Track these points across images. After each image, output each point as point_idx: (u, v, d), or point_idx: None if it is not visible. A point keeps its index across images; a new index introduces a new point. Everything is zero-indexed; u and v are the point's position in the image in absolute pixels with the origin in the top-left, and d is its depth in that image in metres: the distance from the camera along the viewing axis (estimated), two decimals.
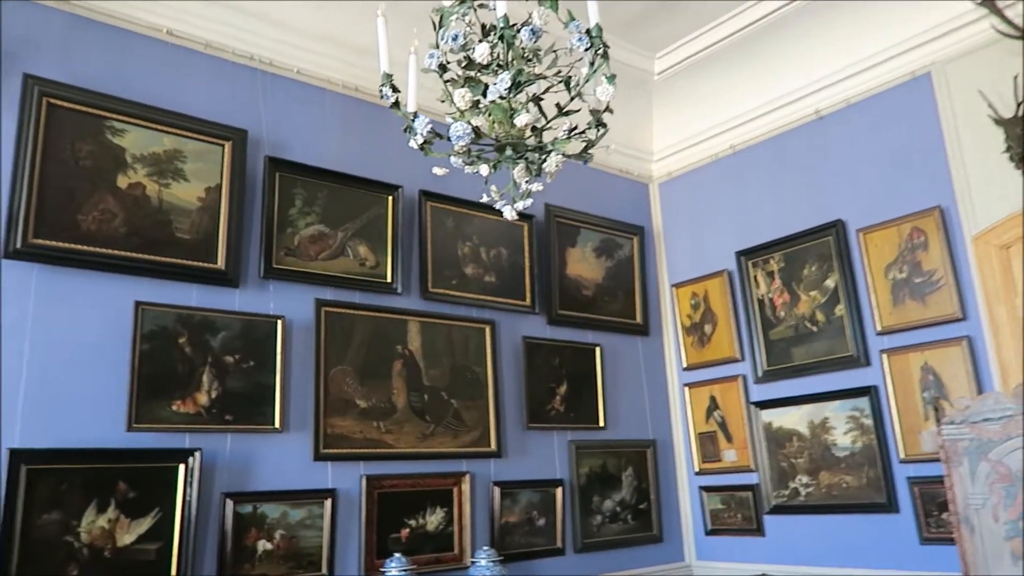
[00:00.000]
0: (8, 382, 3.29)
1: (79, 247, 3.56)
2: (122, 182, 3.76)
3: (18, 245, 3.41)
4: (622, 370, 5.66)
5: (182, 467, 3.58)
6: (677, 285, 5.94)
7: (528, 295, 5.19)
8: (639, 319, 5.82)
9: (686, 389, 5.77)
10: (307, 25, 4.47)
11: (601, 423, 5.37)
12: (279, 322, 4.04)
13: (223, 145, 4.08)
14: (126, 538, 3.41)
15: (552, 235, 5.41)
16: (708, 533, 5.54)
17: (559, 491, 5.00)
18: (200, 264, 3.88)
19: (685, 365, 5.81)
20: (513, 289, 5.13)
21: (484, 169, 2.54)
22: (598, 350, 5.47)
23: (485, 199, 2.76)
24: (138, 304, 3.63)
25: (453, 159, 2.59)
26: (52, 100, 3.62)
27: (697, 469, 5.64)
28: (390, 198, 4.64)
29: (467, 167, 2.54)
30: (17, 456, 3.19)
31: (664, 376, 5.92)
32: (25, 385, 3.33)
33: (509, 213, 2.68)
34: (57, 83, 3.65)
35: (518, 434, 4.94)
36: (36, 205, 3.48)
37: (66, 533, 3.26)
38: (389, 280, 4.54)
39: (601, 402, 5.40)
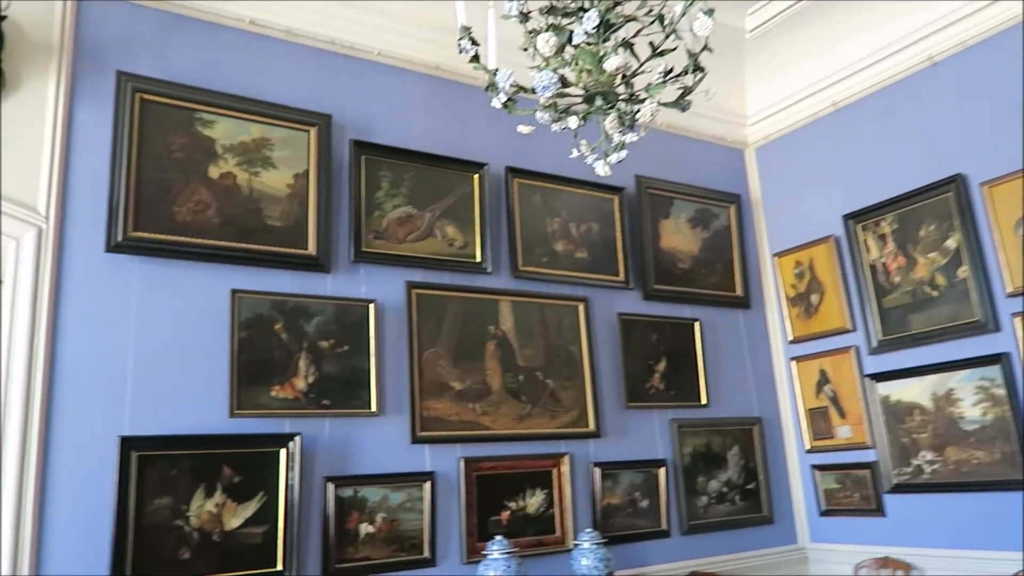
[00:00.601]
0: (116, 372, 3.38)
1: (176, 238, 3.63)
2: (213, 173, 3.80)
3: (119, 239, 3.49)
4: (723, 345, 5.41)
5: (283, 452, 3.60)
6: (779, 254, 5.63)
7: (621, 270, 5.01)
8: (739, 291, 5.55)
9: (793, 363, 5.47)
10: (386, 6, 4.41)
11: (703, 400, 5.15)
12: (371, 306, 4.02)
13: (308, 131, 4.08)
14: (233, 522, 3.46)
15: (644, 207, 5.21)
16: (823, 514, 5.24)
17: (662, 471, 4.82)
18: (292, 251, 3.90)
19: (791, 338, 5.50)
20: (606, 264, 4.96)
21: (573, 122, 2.38)
22: (697, 325, 5.24)
23: (575, 155, 2.60)
24: (234, 292, 3.67)
25: (539, 114, 2.44)
26: (145, 96, 3.69)
27: (808, 447, 5.34)
28: (476, 176, 4.55)
29: (554, 123, 2.39)
30: (128, 443, 3.27)
31: (769, 350, 5.63)
32: (132, 375, 3.42)
33: (602, 169, 2.51)
34: (148, 79, 3.72)
35: (617, 413, 4.79)
36: (135, 199, 3.56)
37: (176, 517, 3.33)
38: (479, 260, 4.46)
39: (702, 379, 5.18)
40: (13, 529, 3.05)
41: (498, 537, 3.84)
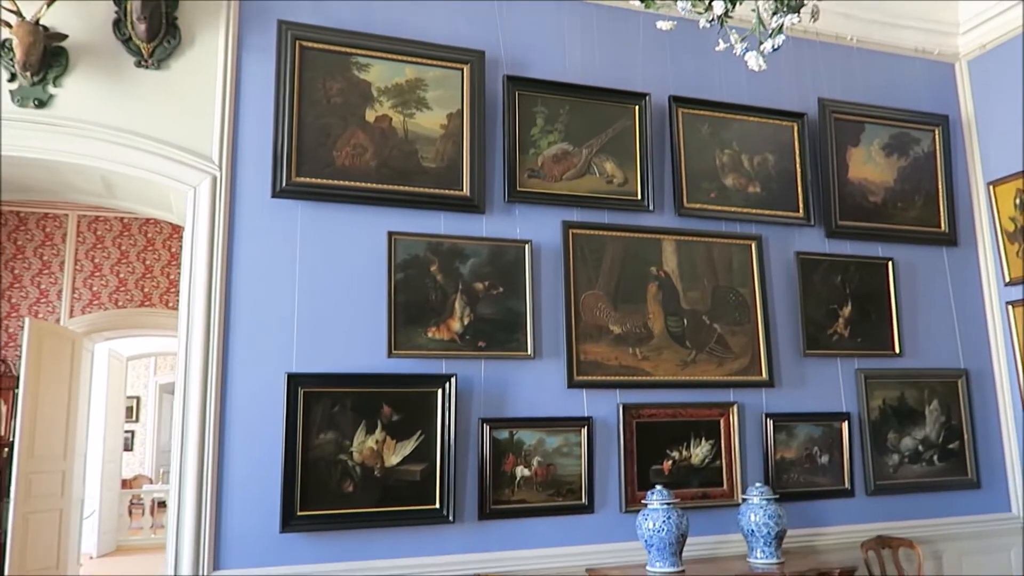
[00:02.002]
0: (284, 312, 3.54)
1: (335, 182, 3.70)
2: (370, 116, 3.82)
3: (283, 185, 3.61)
4: (922, 287, 4.79)
5: (440, 392, 3.63)
6: (996, 182, 4.86)
7: (801, 205, 4.54)
8: (944, 226, 4.87)
9: (1010, 308, 4.75)
10: None
11: (896, 350, 4.61)
12: (526, 246, 3.91)
13: (462, 69, 3.99)
14: (393, 459, 3.55)
15: (829, 134, 4.66)
16: None
17: (845, 425, 4.39)
18: (446, 192, 3.86)
19: (1008, 279, 4.77)
20: (783, 199, 4.52)
21: (718, 6, 2.06)
22: (890, 265, 4.67)
23: (721, 46, 2.28)
24: (391, 234, 3.70)
25: (680, 4, 2.13)
26: (304, 43, 3.75)
27: None
28: (636, 108, 4.26)
29: (700, 15, 2.08)
30: (295, 380, 3.43)
31: (979, 293, 4.93)
32: (298, 315, 3.56)
33: (755, 62, 2.17)
34: (307, 26, 3.77)
35: (793, 362, 4.40)
36: (296, 146, 3.66)
37: (340, 452, 3.47)
38: (639, 197, 4.20)
39: (896, 325, 4.63)
40: (197, 455, 3.30)
41: (659, 487, 3.67)
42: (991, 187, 4.88)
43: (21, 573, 7.03)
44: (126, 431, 13.38)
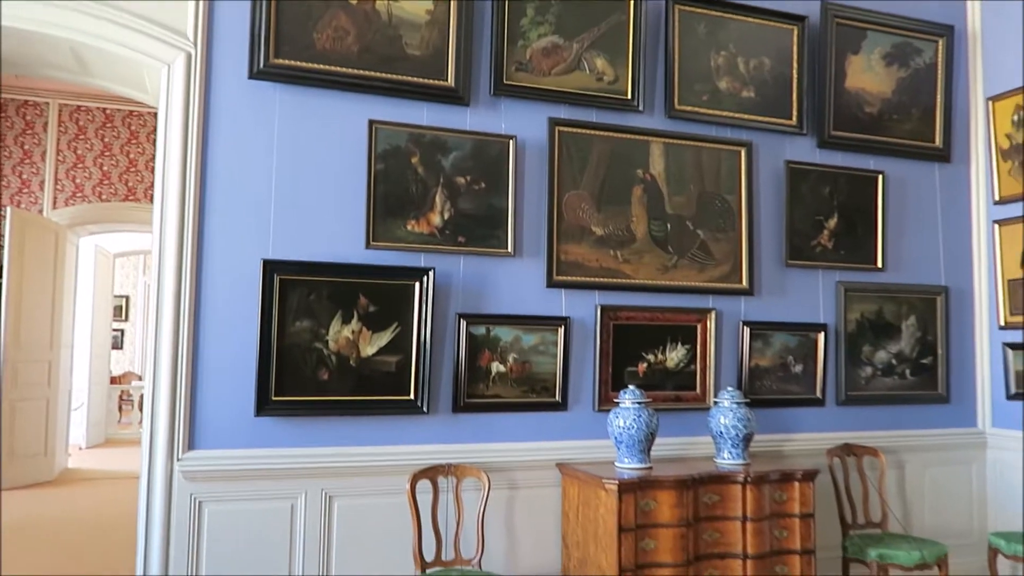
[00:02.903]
0: (260, 198, 3.48)
1: (316, 66, 3.57)
2: None
3: (261, 66, 3.49)
4: (911, 203, 4.75)
5: (417, 285, 3.62)
6: (995, 97, 4.76)
7: (794, 113, 4.45)
8: (939, 141, 4.79)
9: (996, 227, 4.73)
10: None
11: (879, 264, 4.61)
12: (510, 142, 3.83)
13: None
14: (368, 349, 3.56)
15: (829, 39, 4.52)
16: (1010, 397, 4.65)
17: (821, 336, 4.43)
18: (430, 81, 3.75)
19: (998, 198, 4.73)
20: (776, 106, 4.41)
21: None
22: (880, 178, 4.61)
23: None
24: (372, 123, 3.61)
25: None
26: None
27: (1003, 323, 4.69)
28: (631, 2, 4.10)
29: None
30: (270, 266, 3.40)
31: (967, 211, 4.90)
32: (275, 201, 3.50)
33: None
34: None
35: (775, 271, 4.39)
36: (276, 25, 3.52)
37: (316, 340, 3.47)
38: (629, 96, 4.10)
39: (880, 239, 4.61)
40: (172, 337, 3.31)
41: (631, 387, 3.71)
42: (990, 102, 4.78)
43: (10, 457, 7.18)
44: (116, 330, 13.47)
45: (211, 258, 3.40)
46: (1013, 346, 4.62)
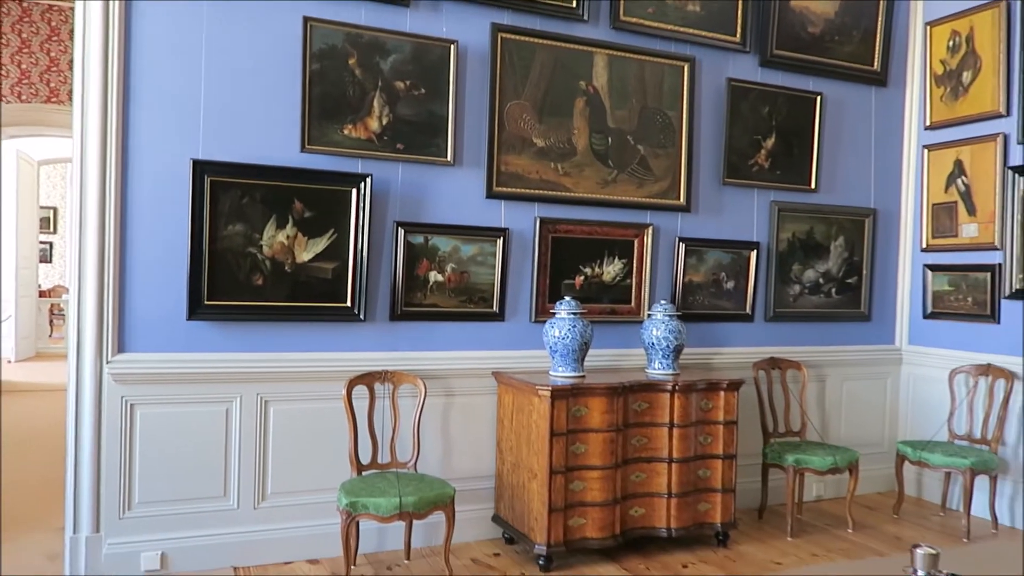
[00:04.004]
0: (189, 95, 3.33)
1: None
2: None
3: None
4: (846, 125, 4.84)
5: (354, 191, 3.56)
6: (933, 23, 4.82)
7: (739, 30, 4.43)
8: (876, 65, 4.86)
9: (925, 151, 4.87)
10: None
11: (812, 185, 4.71)
12: (452, 47, 3.74)
13: None
14: (304, 255, 3.52)
15: None
16: (927, 316, 4.89)
17: (753, 254, 4.54)
18: None
19: (929, 123, 4.85)
20: (721, 22, 4.39)
21: None
22: (819, 100, 4.67)
23: None
24: (307, 20, 3.47)
25: None
26: None
27: (925, 245, 4.88)
28: None
29: None
30: (200, 167, 3.29)
31: (899, 135, 5.02)
32: (205, 99, 3.36)
33: None
34: None
35: (712, 189, 4.46)
36: None
37: (249, 245, 3.41)
38: (574, 5, 4.01)
39: (815, 161, 4.70)
40: (98, 236, 3.20)
41: (567, 298, 3.77)
42: (929, 27, 4.84)
43: None
44: (44, 243, 12.97)
45: (137, 157, 3.26)
46: (933, 268, 4.83)
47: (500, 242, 3.90)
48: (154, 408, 3.30)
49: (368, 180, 3.56)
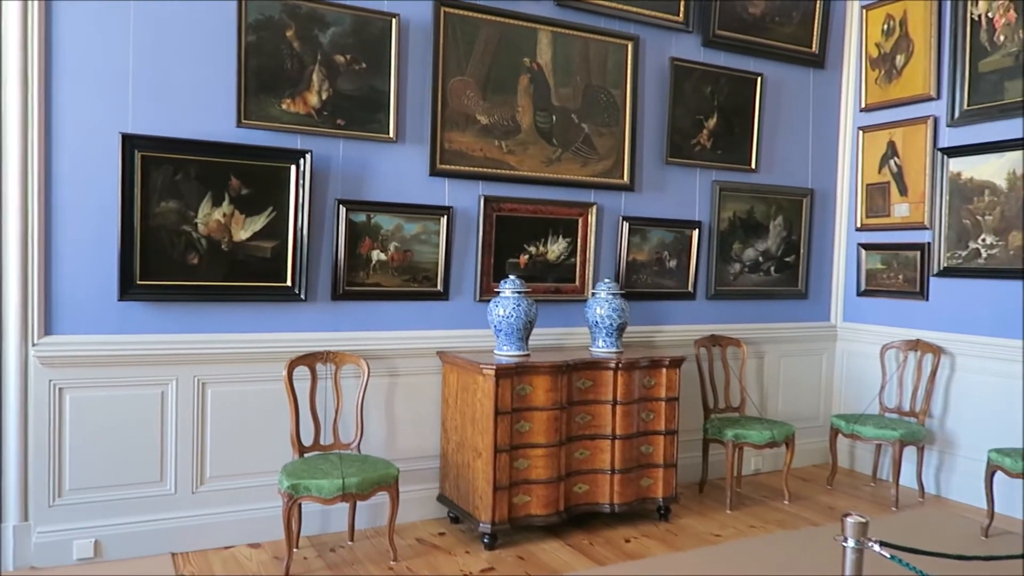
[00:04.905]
0: (116, 66, 3.19)
1: None
2: None
3: None
4: (785, 106, 4.92)
5: (293, 168, 3.47)
6: (869, 6, 4.92)
7: (682, 10, 4.45)
8: (815, 47, 4.94)
9: (860, 133, 4.99)
10: None
11: (753, 165, 4.79)
12: (394, 20, 3.66)
13: None
14: (242, 234, 3.43)
15: None
16: (860, 294, 5.04)
17: (695, 233, 4.60)
18: None
19: (864, 105, 4.97)
20: (665, 1, 4.40)
21: None
22: (759, 81, 4.74)
23: None
24: None
25: None
26: None
27: (859, 224, 5.02)
28: None
29: None
30: (130, 141, 3.16)
31: (836, 116, 5.13)
32: (133, 71, 3.22)
33: None
34: None
35: (655, 168, 4.49)
36: None
37: (184, 223, 3.30)
38: None
39: (755, 141, 4.77)
40: (21, 216, 3.05)
41: (512, 277, 3.76)
42: (865, 10, 4.94)
43: None
44: None
45: (62, 130, 3.11)
46: (867, 246, 4.97)
47: (444, 220, 3.87)
48: (85, 392, 3.19)
49: (308, 156, 3.47)
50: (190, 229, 3.32)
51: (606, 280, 4.06)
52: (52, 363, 3.12)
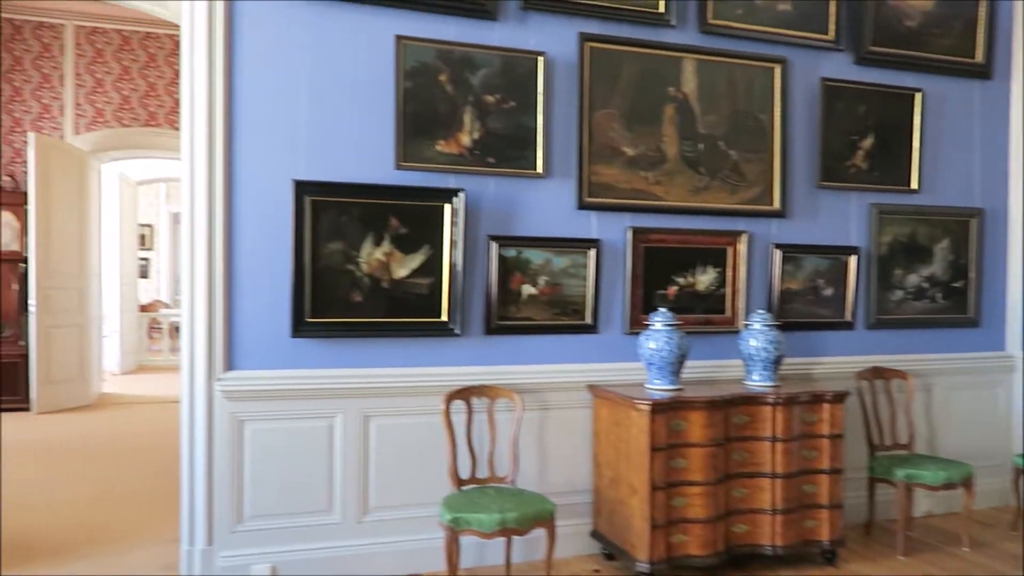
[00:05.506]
0: (290, 117, 3.43)
1: None
2: None
3: None
4: (948, 122, 4.62)
5: (447, 207, 3.59)
6: None
7: (832, 27, 4.29)
8: (980, 57, 4.62)
9: None
10: None
11: (914, 185, 4.51)
12: (540, 59, 3.74)
13: None
14: (400, 272, 3.57)
15: None
16: None
17: (853, 259, 4.38)
18: None
19: None
20: (813, 20, 4.26)
21: None
22: (918, 97, 4.48)
23: None
24: (399, 38, 3.52)
25: None
26: None
27: None
28: None
29: None
30: (301, 187, 3.38)
31: (1006, 130, 4.76)
32: (303, 121, 3.45)
33: None
34: None
35: (807, 193, 4.32)
36: None
37: (348, 262, 3.48)
38: (662, 10, 3.96)
39: (916, 160, 4.50)
40: (206, 258, 3.32)
41: (662, 309, 3.70)
42: None
43: (47, 382, 7.36)
44: (141, 259, 13.60)
45: (242, 180, 3.38)
46: None
47: (592, 253, 3.87)
48: (261, 424, 3.40)
49: (461, 195, 3.59)
50: (353, 268, 3.50)
51: (759, 311, 3.92)
52: (233, 396, 3.35)
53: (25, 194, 7.20)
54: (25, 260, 7.29)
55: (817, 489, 3.70)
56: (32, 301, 7.12)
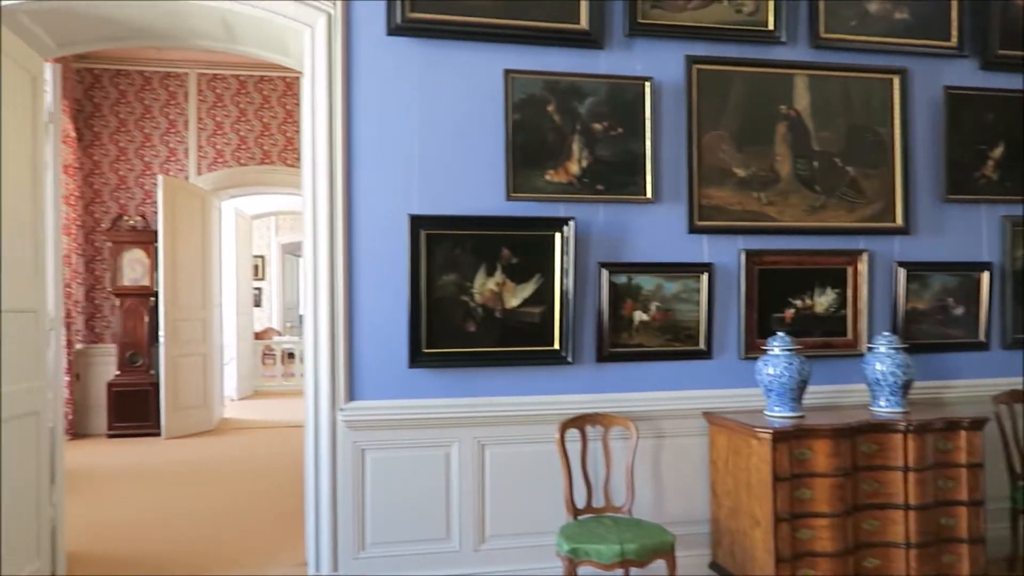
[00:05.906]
0: (403, 153, 3.54)
1: (450, 17, 3.57)
2: None
3: (398, 21, 3.52)
4: None
5: (558, 236, 3.61)
6: None
7: (954, 33, 4.09)
8: None
9: None
10: None
11: None
12: (646, 84, 3.72)
13: None
14: (512, 301, 3.60)
15: None
16: None
17: (985, 276, 4.12)
18: (564, 25, 3.67)
19: None
20: (932, 26, 4.07)
21: None
22: None
23: None
24: (507, 72, 3.59)
25: None
26: None
27: None
28: None
29: None
30: (416, 221, 3.47)
31: None
32: (417, 156, 3.56)
33: None
34: None
35: (932, 207, 4.11)
36: None
37: (462, 293, 3.54)
38: (771, 27, 3.88)
39: None
40: (328, 292, 3.46)
41: (780, 333, 3.59)
42: None
43: (174, 408, 7.80)
44: (254, 288, 14.29)
45: (360, 216, 3.50)
46: None
47: (704, 277, 3.80)
48: (382, 452, 3.49)
49: (571, 223, 3.60)
50: (467, 299, 3.56)
51: (885, 333, 3.75)
52: (356, 426, 3.46)
53: (155, 232, 7.71)
54: (155, 294, 7.78)
55: (956, 522, 3.48)
56: (162, 332, 7.59)
